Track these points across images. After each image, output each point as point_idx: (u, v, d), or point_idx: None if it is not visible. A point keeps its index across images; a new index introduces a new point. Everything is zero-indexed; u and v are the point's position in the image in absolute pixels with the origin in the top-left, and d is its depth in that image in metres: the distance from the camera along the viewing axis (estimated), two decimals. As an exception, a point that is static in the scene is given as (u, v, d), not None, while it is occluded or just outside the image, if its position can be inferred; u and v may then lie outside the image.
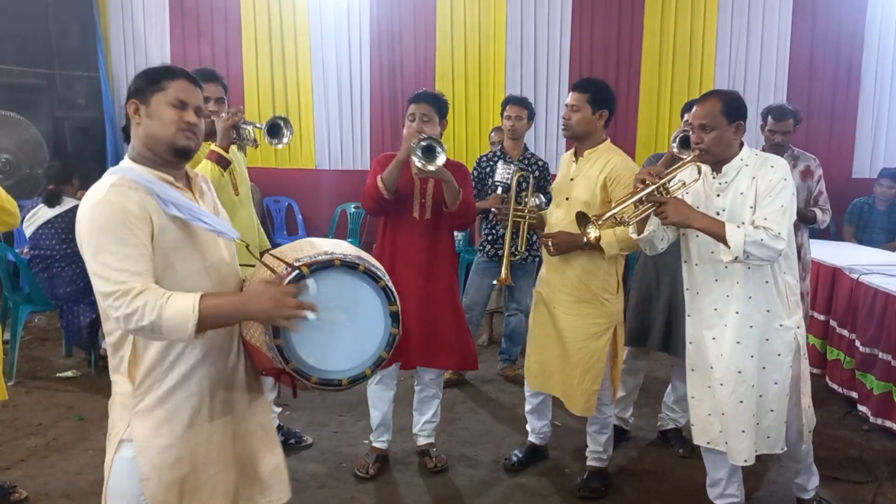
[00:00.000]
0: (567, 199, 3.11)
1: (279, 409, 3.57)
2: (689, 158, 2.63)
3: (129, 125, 1.86)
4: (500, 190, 3.71)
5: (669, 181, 2.58)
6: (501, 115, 4.48)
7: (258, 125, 3.19)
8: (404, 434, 3.62)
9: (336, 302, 1.76)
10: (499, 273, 4.49)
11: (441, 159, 2.94)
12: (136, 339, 1.79)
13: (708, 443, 2.77)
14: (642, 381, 3.74)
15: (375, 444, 3.43)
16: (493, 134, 5.36)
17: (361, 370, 1.81)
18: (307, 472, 3.38)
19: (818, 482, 2.99)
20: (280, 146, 3.24)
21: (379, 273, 1.82)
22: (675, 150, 3.16)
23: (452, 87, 6.81)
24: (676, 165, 2.66)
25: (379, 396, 3.37)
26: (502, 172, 3.72)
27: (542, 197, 3.92)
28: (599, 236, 2.68)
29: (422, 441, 3.48)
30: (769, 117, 4.09)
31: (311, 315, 1.67)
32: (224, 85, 3.25)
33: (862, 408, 3.90)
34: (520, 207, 3.32)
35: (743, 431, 2.65)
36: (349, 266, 1.76)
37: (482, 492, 3.27)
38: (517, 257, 3.47)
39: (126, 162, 1.85)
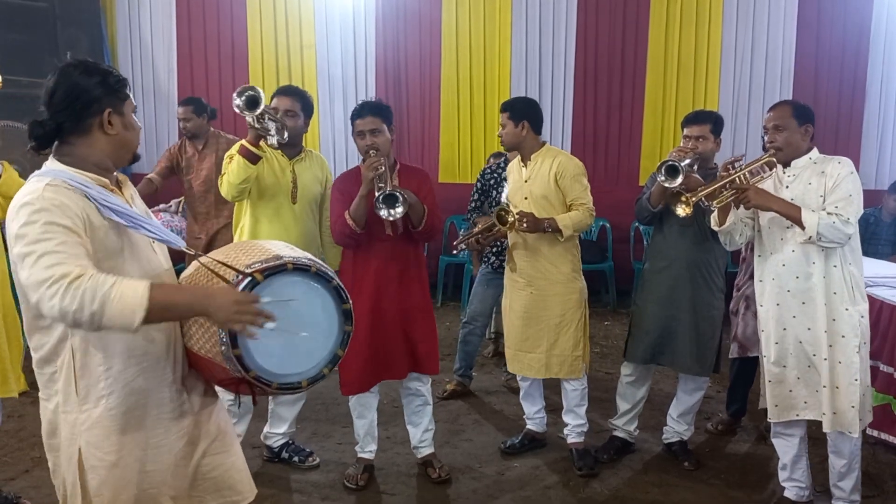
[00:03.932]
0: (525, 198, 3.52)
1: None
2: (765, 155, 2.98)
3: (53, 129, 1.71)
4: None
5: (749, 170, 2.96)
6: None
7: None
8: (407, 445, 3.61)
9: (292, 306, 1.78)
10: (503, 284, 4.52)
11: (401, 209, 2.99)
12: (75, 351, 1.71)
13: (797, 415, 2.99)
14: (647, 394, 3.72)
15: (362, 455, 3.42)
16: (491, 159, 5.33)
17: (319, 370, 1.85)
18: (310, 483, 3.37)
19: None
20: (251, 117, 3.03)
21: (330, 273, 1.85)
22: (663, 178, 3.15)
23: (457, 97, 6.84)
24: (755, 159, 3.03)
25: (364, 405, 3.36)
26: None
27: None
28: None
29: (423, 452, 3.47)
30: None
31: (269, 325, 1.67)
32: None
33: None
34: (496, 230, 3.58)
35: (805, 402, 2.96)
36: (301, 269, 1.79)
37: (486, 504, 3.26)
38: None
39: (54, 164, 1.73)
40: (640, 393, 3.67)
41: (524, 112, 3.53)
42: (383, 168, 3.02)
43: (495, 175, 4.41)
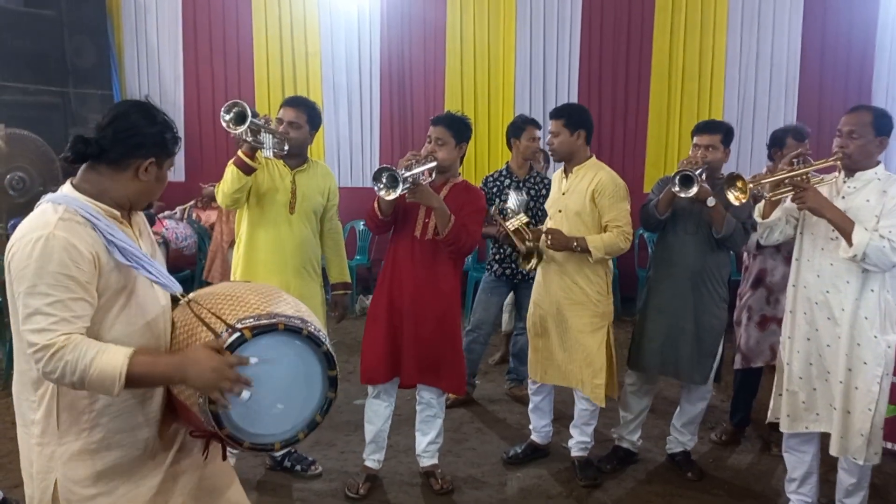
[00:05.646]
0: (560, 211, 3.45)
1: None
2: (831, 159, 2.83)
3: (95, 151, 1.72)
4: None
5: (813, 170, 2.84)
6: (518, 137, 4.42)
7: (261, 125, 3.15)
8: (410, 454, 3.61)
9: (277, 367, 1.74)
10: (507, 292, 4.53)
11: (393, 194, 2.91)
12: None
13: (807, 427, 2.96)
14: (650, 404, 3.71)
15: (366, 464, 3.41)
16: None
17: (294, 433, 1.82)
18: (313, 492, 3.37)
19: None
20: (238, 132, 3.04)
21: (321, 337, 1.80)
22: (677, 189, 3.14)
23: (462, 106, 6.82)
24: (820, 161, 2.89)
25: (375, 411, 3.35)
26: (515, 202, 3.75)
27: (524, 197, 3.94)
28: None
29: (425, 462, 3.46)
30: (789, 139, 3.81)
31: (245, 394, 1.65)
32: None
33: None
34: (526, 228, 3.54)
35: (817, 414, 2.93)
36: (292, 330, 1.74)
37: (488, 514, 3.25)
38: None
39: (70, 190, 1.73)
40: (643, 402, 3.66)
41: (582, 120, 3.38)
42: (414, 166, 3.01)
43: (498, 183, 4.41)
